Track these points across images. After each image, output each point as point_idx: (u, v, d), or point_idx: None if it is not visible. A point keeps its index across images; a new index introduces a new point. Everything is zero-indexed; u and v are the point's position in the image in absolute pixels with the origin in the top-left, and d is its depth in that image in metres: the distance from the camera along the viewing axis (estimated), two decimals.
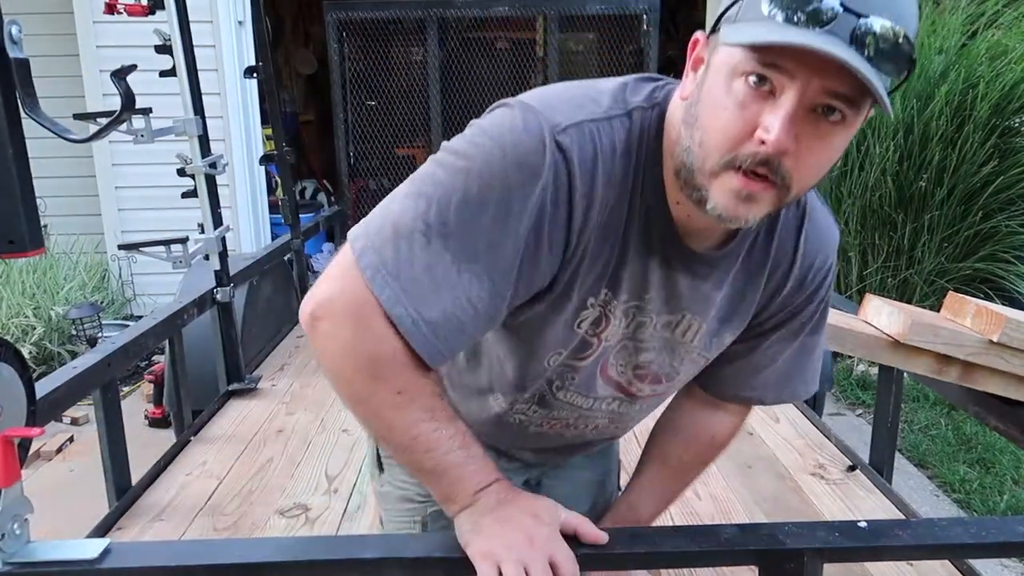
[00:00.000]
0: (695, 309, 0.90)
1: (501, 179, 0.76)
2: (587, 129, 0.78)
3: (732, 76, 0.70)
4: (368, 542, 0.86)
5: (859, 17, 0.65)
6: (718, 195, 0.73)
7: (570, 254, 0.81)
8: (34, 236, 0.81)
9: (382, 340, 0.77)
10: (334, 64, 4.36)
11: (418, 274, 0.76)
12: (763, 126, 0.68)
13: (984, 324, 1.13)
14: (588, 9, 4.36)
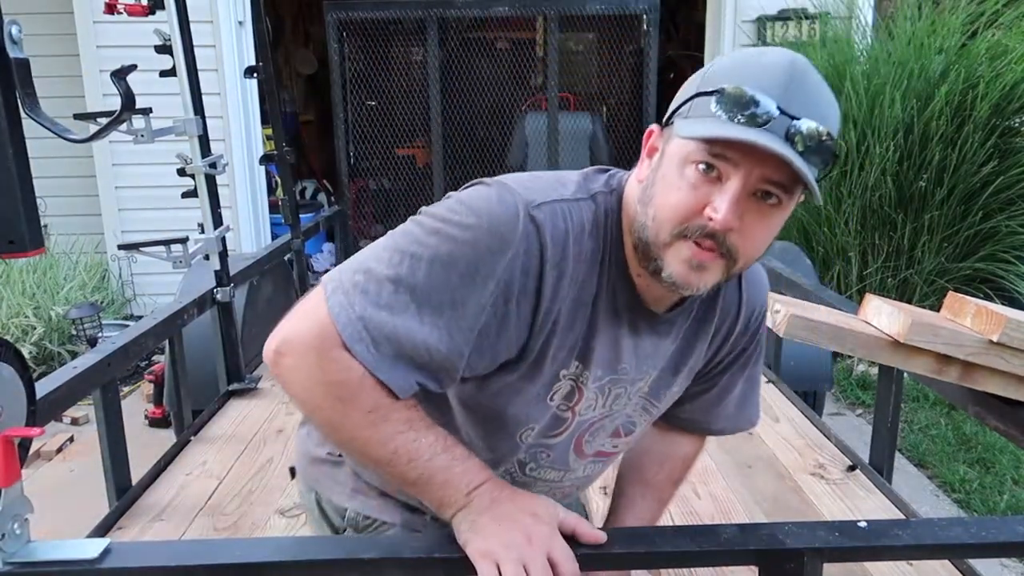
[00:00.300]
0: (654, 364, 0.99)
1: (473, 243, 0.82)
2: (559, 208, 0.86)
3: (684, 163, 0.81)
4: (368, 542, 0.86)
5: (792, 119, 0.77)
6: (672, 264, 0.83)
7: (539, 324, 0.86)
8: (34, 236, 0.81)
9: (348, 367, 0.81)
10: (334, 64, 4.36)
11: (382, 317, 0.81)
12: (712, 206, 0.79)
13: (984, 324, 1.13)
14: (588, 9, 4.35)
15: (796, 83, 0.79)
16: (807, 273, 3.08)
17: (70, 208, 4.81)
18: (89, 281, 4.48)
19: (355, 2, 4.31)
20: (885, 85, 3.87)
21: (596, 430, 1.00)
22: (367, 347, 0.80)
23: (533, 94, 5.05)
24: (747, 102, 0.77)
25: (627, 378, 0.96)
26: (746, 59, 0.83)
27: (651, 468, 1.18)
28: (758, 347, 1.09)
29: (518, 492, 0.87)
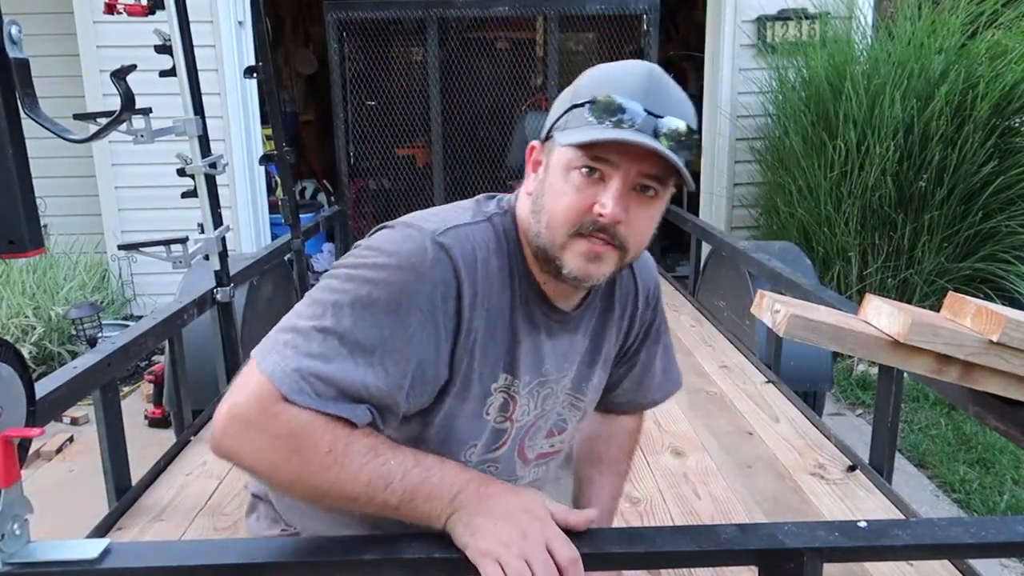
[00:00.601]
0: (572, 360, 1.06)
1: (389, 281, 0.86)
2: (462, 232, 0.93)
3: (568, 170, 0.90)
4: (368, 542, 0.86)
5: (657, 118, 0.87)
6: (571, 260, 0.91)
7: (462, 343, 0.91)
8: (34, 236, 0.81)
9: (294, 417, 0.82)
10: (334, 64, 4.36)
11: (316, 366, 0.83)
12: (599, 203, 0.88)
13: (984, 324, 1.12)
14: (588, 9, 4.35)
15: (655, 87, 0.90)
16: (807, 273, 3.08)
17: (70, 208, 4.81)
18: (89, 281, 4.48)
19: (355, 2, 4.31)
20: (885, 85, 3.87)
21: (533, 433, 1.05)
22: (308, 394, 0.82)
23: (533, 94, 5.04)
24: (616, 108, 0.87)
25: (552, 378, 1.03)
26: (609, 71, 0.93)
27: (601, 447, 1.26)
28: (662, 318, 1.21)
29: (504, 486, 0.88)
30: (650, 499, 1.73)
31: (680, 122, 0.88)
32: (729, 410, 2.25)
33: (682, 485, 1.80)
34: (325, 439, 0.82)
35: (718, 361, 2.68)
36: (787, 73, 4.49)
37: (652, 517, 1.66)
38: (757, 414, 2.21)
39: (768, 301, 1.18)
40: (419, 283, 0.87)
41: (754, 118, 4.82)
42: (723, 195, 5.01)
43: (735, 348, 2.83)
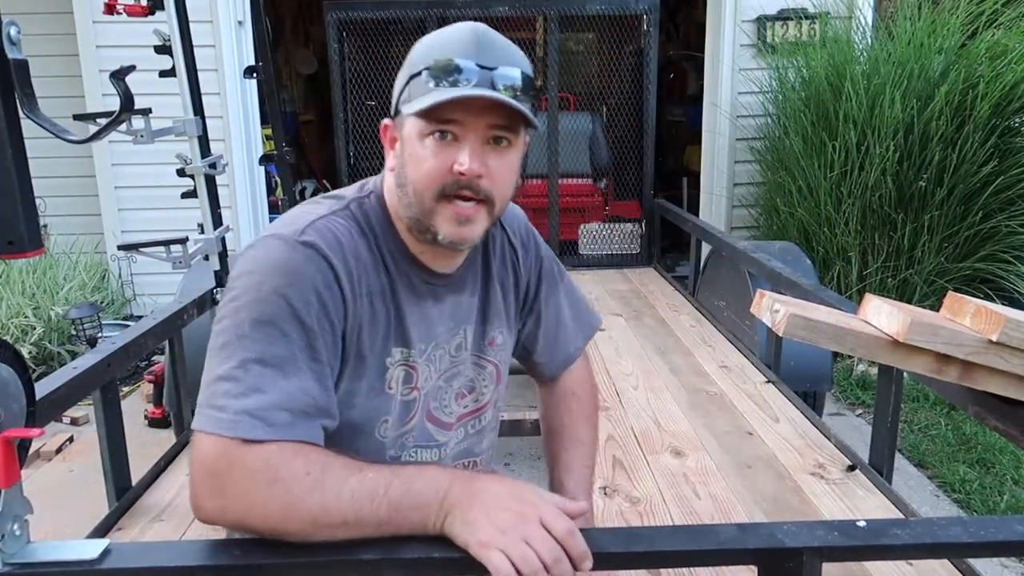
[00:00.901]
0: (464, 319, 1.10)
1: (271, 293, 0.89)
2: (320, 224, 0.96)
3: (421, 138, 0.94)
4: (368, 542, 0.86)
5: (491, 70, 0.91)
6: (443, 226, 0.95)
7: (350, 324, 0.95)
8: (33, 237, 0.81)
9: (259, 452, 0.83)
10: (334, 64, 4.36)
11: (256, 399, 0.85)
12: (457, 162, 0.92)
13: (983, 324, 1.12)
14: (588, 9, 4.35)
15: (484, 42, 0.94)
16: (807, 273, 3.08)
17: (70, 208, 4.82)
18: (89, 281, 4.48)
19: (355, 2, 4.31)
20: (885, 85, 3.87)
21: (439, 395, 1.09)
22: (263, 428, 0.84)
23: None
24: (452, 68, 0.91)
25: (443, 339, 1.07)
26: (437, 37, 0.97)
27: (553, 420, 1.27)
28: (553, 263, 1.24)
29: (489, 478, 0.89)
30: (650, 499, 1.73)
31: (514, 70, 0.93)
32: (729, 410, 2.25)
33: (682, 485, 1.80)
34: (299, 463, 0.83)
35: (718, 361, 2.68)
36: (787, 73, 4.49)
37: (652, 517, 1.66)
38: (757, 414, 2.21)
39: (768, 301, 1.18)
40: (299, 284, 0.90)
41: (754, 118, 4.82)
42: (723, 195, 5.01)
43: (735, 348, 2.83)
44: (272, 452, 0.83)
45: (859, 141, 3.94)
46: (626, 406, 2.27)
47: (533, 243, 1.21)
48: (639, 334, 3.02)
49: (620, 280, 4.06)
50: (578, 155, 4.79)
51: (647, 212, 4.55)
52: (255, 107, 4.82)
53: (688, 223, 3.85)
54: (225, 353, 0.88)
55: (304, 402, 0.87)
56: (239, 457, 0.83)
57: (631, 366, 2.63)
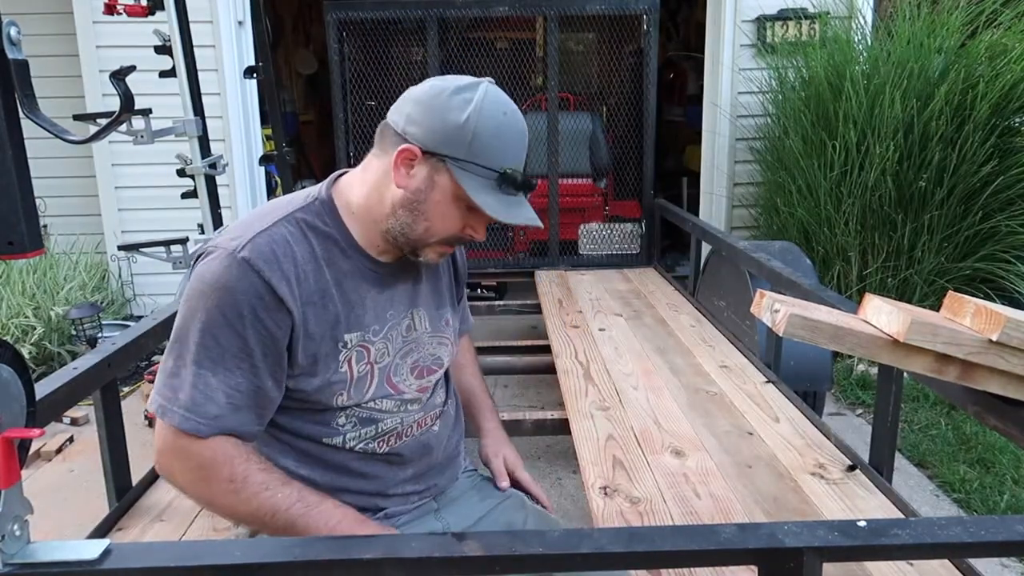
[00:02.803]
0: (418, 302, 1.28)
1: (213, 305, 1.07)
2: (259, 239, 1.10)
3: (455, 201, 1.13)
4: (368, 542, 0.86)
5: (529, 184, 1.14)
6: (429, 253, 1.19)
7: (297, 321, 1.11)
8: (33, 237, 0.81)
9: (199, 451, 1.07)
10: (334, 64, 4.36)
11: (191, 393, 1.07)
12: (473, 229, 1.17)
13: (983, 323, 1.12)
14: (588, 9, 4.35)
15: (527, 149, 1.16)
16: (807, 273, 3.08)
17: (70, 208, 4.82)
18: (89, 281, 4.48)
19: (355, 2, 4.31)
20: (885, 85, 3.87)
21: (397, 370, 1.24)
22: (198, 422, 1.06)
23: (533, 94, 5.04)
24: (519, 184, 1.12)
25: (395, 321, 1.23)
26: (502, 128, 1.12)
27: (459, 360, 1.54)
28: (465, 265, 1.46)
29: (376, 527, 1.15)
30: (650, 499, 1.73)
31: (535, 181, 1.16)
32: (729, 410, 2.25)
33: (682, 485, 1.80)
34: (225, 471, 1.07)
35: (718, 361, 2.68)
36: (787, 73, 4.49)
37: (652, 517, 1.66)
38: (757, 414, 2.21)
39: (767, 300, 1.18)
40: (233, 296, 1.07)
41: (754, 118, 4.82)
42: (723, 195, 5.02)
43: (735, 348, 2.83)
44: (207, 457, 1.07)
45: (859, 141, 3.94)
46: (626, 406, 2.27)
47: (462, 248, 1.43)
48: (639, 334, 3.02)
49: (620, 280, 4.06)
50: (578, 155, 4.79)
51: (647, 212, 4.55)
52: (255, 107, 4.82)
53: (688, 223, 3.85)
54: (173, 352, 1.10)
55: (233, 397, 1.07)
56: (184, 449, 1.07)
57: (631, 366, 2.63)
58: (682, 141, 7.12)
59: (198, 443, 1.07)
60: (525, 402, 3.51)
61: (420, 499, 1.32)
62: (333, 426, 1.20)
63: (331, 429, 1.20)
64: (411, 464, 1.28)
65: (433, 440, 1.31)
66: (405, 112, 1.14)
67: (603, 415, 2.20)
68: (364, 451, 1.23)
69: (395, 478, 1.27)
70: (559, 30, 4.39)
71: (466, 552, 0.84)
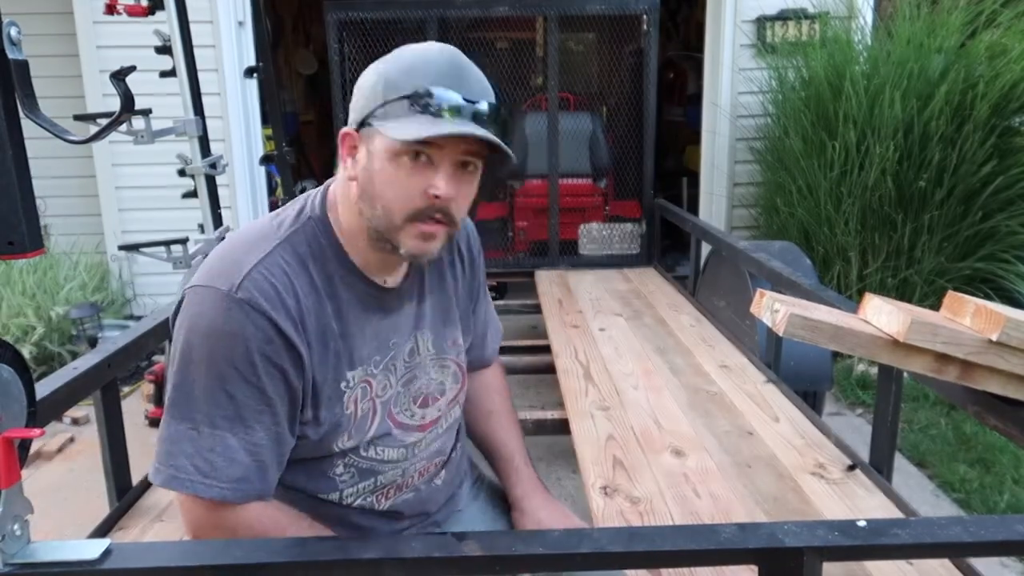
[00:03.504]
0: (423, 324, 1.16)
1: (216, 356, 0.95)
2: (255, 274, 0.97)
3: (394, 156, 0.96)
4: (368, 542, 0.87)
5: (473, 103, 0.96)
6: (407, 241, 1.00)
7: (306, 363, 1.00)
8: (34, 237, 0.81)
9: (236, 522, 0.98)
10: (334, 64, 4.36)
11: (214, 461, 0.95)
12: (433, 186, 0.96)
13: (983, 323, 1.13)
14: (588, 9, 4.35)
15: (464, 73, 0.98)
16: (807, 273, 3.08)
17: (70, 208, 4.82)
18: (89, 281, 4.48)
19: (355, 2, 4.31)
20: (885, 85, 3.87)
21: (399, 400, 1.13)
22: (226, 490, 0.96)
23: (533, 94, 5.04)
24: (437, 100, 0.94)
25: (399, 349, 1.12)
26: (415, 59, 0.98)
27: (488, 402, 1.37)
28: (483, 271, 1.32)
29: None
30: (650, 499, 1.73)
31: (488, 103, 0.97)
32: (729, 410, 2.25)
33: (682, 485, 1.80)
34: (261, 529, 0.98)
35: (718, 361, 2.68)
36: (787, 73, 4.49)
37: (652, 517, 1.66)
38: (757, 414, 2.21)
39: (767, 300, 1.18)
40: (240, 346, 0.95)
41: (754, 118, 4.82)
42: (723, 195, 5.01)
43: (735, 348, 2.83)
44: (250, 522, 0.97)
45: (859, 141, 3.94)
46: (626, 406, 2.27)
47: (478, 249, 1.29)
48: (639, 334, 3.02)
49: (620, 280, 4.06)
50: (578, 155, 4.79)
51: (647, 212, 4.55)
52: (255, 107, 4.82)
53: (688, 223, 3.85)
54: (177, 412, 0.96)
55: (258, 455, 0.97)
56: (222, 519, 0.97)
57: (631, 366, 2.63)
58: (682, 141, 7.12)
59: (235, 511, 0.97)
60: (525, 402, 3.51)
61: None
62: (331, 476, 1.10)
63: (328, 481, 1.10)
64: (408, 519, 1.20)
65: (434, 495, 1.22)
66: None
67: (603, 415, 2.20)
68: (362, 507, 1.13)
69: (392, 530, 1.19)
70: (559, 30, 4.39)
71: (466, 552, 0.84)
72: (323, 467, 1.09)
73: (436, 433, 1.19)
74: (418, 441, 1.15)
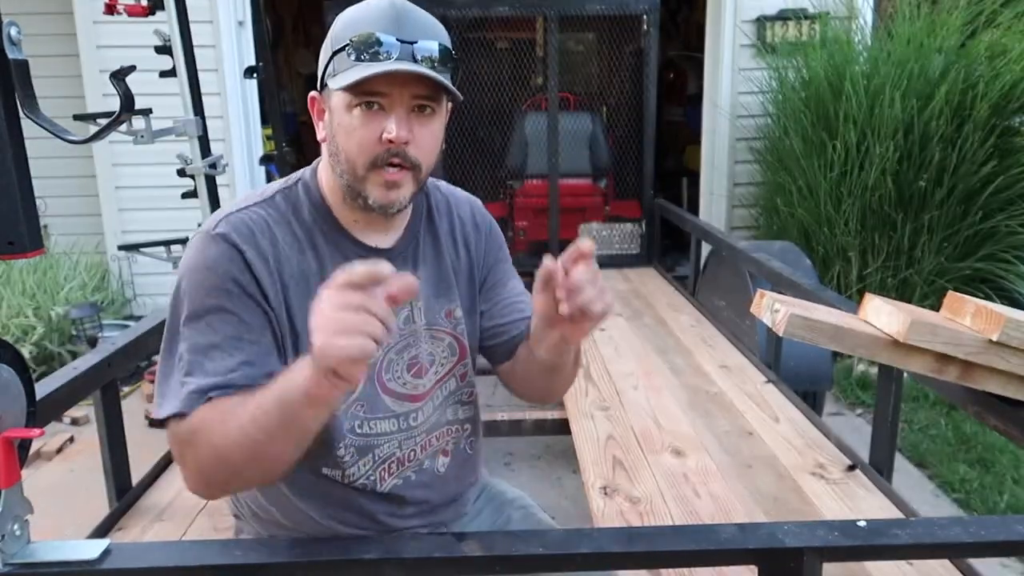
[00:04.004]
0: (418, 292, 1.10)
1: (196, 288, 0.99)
2: (234, 217, 1.03)
3: (348, 109, 1.00)
4: (368, 542, 0.87)
5: (411, 44, 0.97)
6: (372, 191, 1.01)
7: (274, 302, 1.01)
8: (33, 237, 0.82)
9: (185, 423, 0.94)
10: None
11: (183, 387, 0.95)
12: (385, 131, 0.98)
13: (983, 323, 1.13)
14: (588, 9, 4.36)
15: (403, 17, 0.99)
16: (807, 273, 3.08)
17: (70, 208, 4.81)
18: (89, 281, 4.47)
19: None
20: (885, 85, 3.87)
21: (391, 367, 1.12)
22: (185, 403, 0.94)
23: (533, 94, 5.05)
24: (373, 43, 0.96)
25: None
26: (356, 12, 1.01)
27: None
28: (503, 245, 1.28)
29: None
30: (650, 499, 1.73)
31: (432, 43, 0.99)
32: (729, 410, 2.25)
33: (682, 485, 1.80)
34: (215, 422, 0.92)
35: (718, 361, 2.68)
36: (787, 73, 4.49)
37: (652, 517, 1.66)
38: (757, 414, 2.21)
39: (767, 300, 1.18)
40: (213, 274, 0.99)
41: (754, 118, 4.82)
42: (723, 195, 5.01)
43: (735, 348, 2.83)
44: (193, 420, 0.93)
45: (859, 141, 3.94)
46: (626, 406, 2.27)
47: (487, 225, 1.26)
48: (639, 334, 3.02)
49: (620, 280, 4.06)
50: (578, 155, 4.79)
51: (647, 212, 4.55)
52: (255, 107, 4.82)
53: (688, 223, 3.86)
54: (166, 348, 1.00)
55: (226, 379, 0.95)
56: (176, 433, 0.95)
57: (631, 366, 2.63)
58: (682, 141, 7.12)
59: (182, 419, 0.94)
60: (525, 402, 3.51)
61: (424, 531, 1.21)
62: (334, 456, 1.09)
63: (332, 461, 1.09)
64: (412, 505, 1.17)
65: (437, 483, 1.19)
66: None
67: (603, 415, 2.20)
68: (364, 486, 1.12)
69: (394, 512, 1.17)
70: (559, 30, 4.39)
71: (466, 552, 0.84)
72: (324, 449, 1.07)
73: (432, 405, 1.17)
74: (411, 412, 1.14)
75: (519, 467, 3.13)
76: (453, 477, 1.22)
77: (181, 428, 0.95)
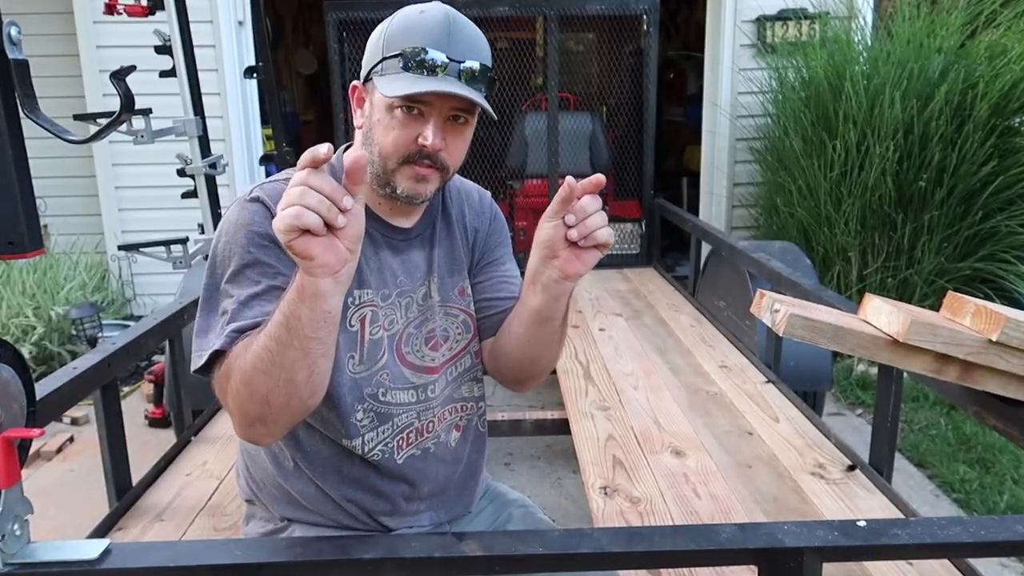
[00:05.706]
0: (432, 271, 1.23)
1: (233, 248, 1.06)
2: (267, 186, 1.11)
3: (390, 109, 1.07)
4: (368, 542, 0.86)
5: (459, 63, 1.06)
6: (402, 182, 1.10)
7: None
8: (33, 237, 0.82)
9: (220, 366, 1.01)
10: (334, 64, 4.36)
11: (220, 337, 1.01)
12: (422, 136, 1.07)
13: (983, 323, 1.12)
14: (588, 9, 4.35)
15: (455, 34, 1.07)
16: (807, 273, 3.08)
17: (70, 208, 4.82)
18: (89, 281, 4.47)
19: (355, 2, 4.32)
20: (885, 85, 3.87)
21: (411, 341, 1.20)
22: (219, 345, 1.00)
23: (533, 94, 5.05)
24: (425, 59, 1.04)
25: (409, 289, 1.20)
26: (413, 22, 1.07)
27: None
28: (504, 230, 1.38)
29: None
30: (650, 499, 1.73)
31: (476, 63, 1.07)
32: (729, 410, 2.25)
33: (682, 485, 1.80)
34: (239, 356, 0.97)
35: (718, 361, 2.68)
36: (787, 73, 4.49)
37: (652, 517, 1.66)
38: (757, 414, 2.21)
39: (767, 300, 1.18)
40: (251, 235, 1.06)
41: (754, 118, 4.82)
42: (723, 195, 5.02)
43: (735, 348, 2.83)
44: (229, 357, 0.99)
45: (859, 141, 3.94)
46: (626, 406, 2.27)
47: (492, 213, 1.35)
48: (639, 334, 3.02)
49: (620, 280, 4.06)
50: (578, 155, 4.79)
51: (647, 212, 4.55)
52: (255, 107, 4.82)
53: (688, 223, 3.86)
54: (205, 304, 1.06)
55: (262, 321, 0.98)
56: (216, 377, 1.01)
57: (631, 366, 2.63)
58: (682, 141, 7.12)
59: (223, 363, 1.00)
60: (525, 402, 3.51)
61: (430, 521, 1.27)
62: (352, 421, 1.14)
63: (351, 426, 1.14)
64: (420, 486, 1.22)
65: (448, 458, 1.25)
66: None
67: (603, 415, 2.20)
68: (381, 458, 1.17)
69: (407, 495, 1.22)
70: (559, 30, 4.39)
71: (466, 552, 0.84)
72: (343, 413, 1.14)
73: (446, 379, 1.24)
74: (428, 384, 1.21)
75: (519, 467, 3.13)
76: (465, 455, 1.28)
77: (221, 369, 1.01)
